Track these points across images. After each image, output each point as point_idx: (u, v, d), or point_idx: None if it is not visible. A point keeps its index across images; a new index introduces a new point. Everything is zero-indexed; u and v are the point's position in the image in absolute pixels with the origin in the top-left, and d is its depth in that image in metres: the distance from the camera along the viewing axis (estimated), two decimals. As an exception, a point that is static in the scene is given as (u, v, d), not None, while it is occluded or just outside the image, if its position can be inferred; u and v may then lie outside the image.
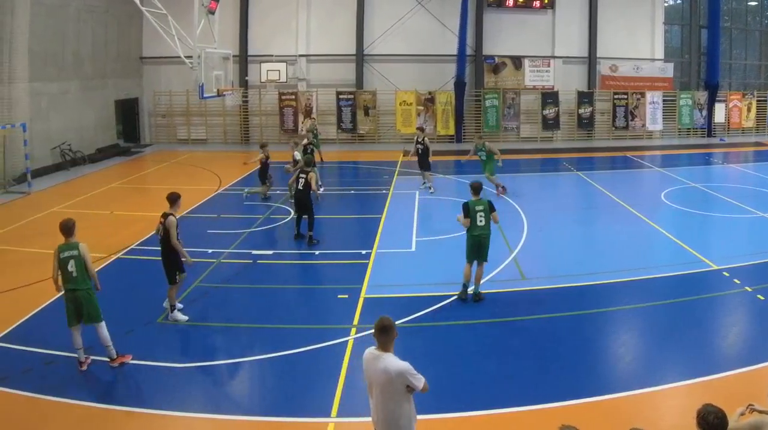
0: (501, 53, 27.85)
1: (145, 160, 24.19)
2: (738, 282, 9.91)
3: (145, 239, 12.58)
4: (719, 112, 28.66)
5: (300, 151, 15.90)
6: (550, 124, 27.84)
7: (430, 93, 26.96)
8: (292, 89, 27.19)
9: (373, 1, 27.31)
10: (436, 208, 15.53)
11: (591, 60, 28.31)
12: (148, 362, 7.51)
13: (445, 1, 26.93)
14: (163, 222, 8.57)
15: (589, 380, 7.07)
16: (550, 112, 27.67)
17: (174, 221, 8.53)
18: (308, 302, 9.81)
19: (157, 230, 8.78)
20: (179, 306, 9.04)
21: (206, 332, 8.65)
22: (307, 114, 27.10)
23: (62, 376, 7.16)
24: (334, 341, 8.08)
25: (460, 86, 26.57)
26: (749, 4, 31.38)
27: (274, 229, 13.78)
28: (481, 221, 9.16)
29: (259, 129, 27.86)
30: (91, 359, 7.43)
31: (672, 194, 16.75)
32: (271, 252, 11.99)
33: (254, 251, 11.94)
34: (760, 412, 4.36)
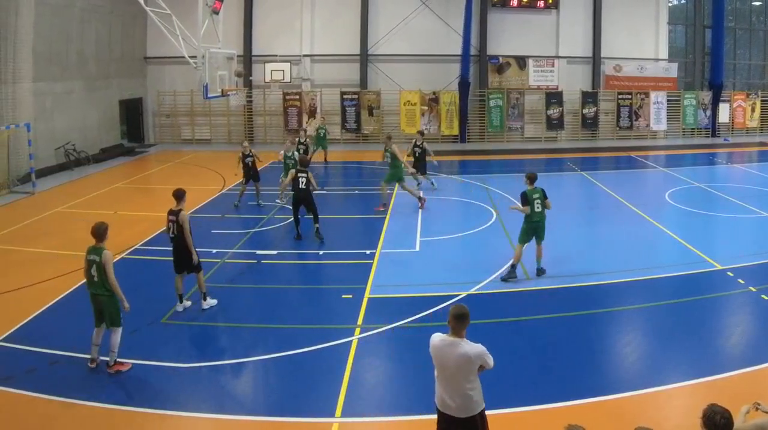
0: (505, 53, 27.84)
1: (149, 160, 24.25)
2: (742, 282, 9.88)
3: (149, 238, 12.62)
4: (723, 112, 28.59)
5: (292, 151, 15.60)
6: (554, 124, 27.80)
7: (434, 93, 26.95)
8: (297, 89, 27.22)
9: (377, 1, 27.33)
10: (440, 208, 15.49)
11: (595, 60, 28.27)
12: (152, 362, 7.52)
13: (449, 1, 26.96)
14: (174, 220, 8.64)
15: (593, 379, 7.06)
16: (554, 112, 27.63)
17: (186, 216, 8.68)
18: (312, 302, 9.81)
19: (168, 228, 8.82)
20: (187, 304, 9.14)
21: (210, 332, 8.66)
22: (312, 114, 27.12)
23: (66, 376, 7.17)
24: (339, 341, 8.07)
25: (464, 86, 26.57)
26: (753, 4, 31.25)
27: (279, 229, 13.79)
28: (538, 208, 10.02)
29: (263, 129, 27.87)
30: (100, 359, 7.41)
31: (676, 194, 16.71)
32: (275, 252, 12.00)
33: (258, 251, 11.95)
34: (766, 412, 4.35)
